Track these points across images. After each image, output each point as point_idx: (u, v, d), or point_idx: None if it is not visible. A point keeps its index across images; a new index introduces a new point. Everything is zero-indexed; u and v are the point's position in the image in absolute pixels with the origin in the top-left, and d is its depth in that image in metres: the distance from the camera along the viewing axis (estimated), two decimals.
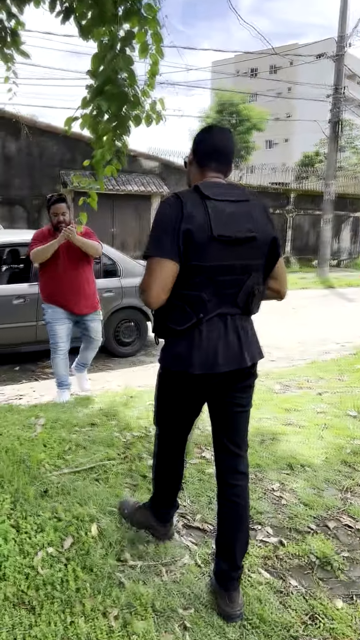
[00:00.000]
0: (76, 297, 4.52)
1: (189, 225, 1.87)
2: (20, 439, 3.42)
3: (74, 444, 3.49)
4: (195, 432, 3.85)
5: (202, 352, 1.95)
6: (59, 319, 4.52)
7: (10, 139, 13.25)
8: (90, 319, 4.70)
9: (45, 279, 4.54)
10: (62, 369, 4.64)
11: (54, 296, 4.51)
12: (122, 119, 3.13)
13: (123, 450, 3.49)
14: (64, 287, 4.46)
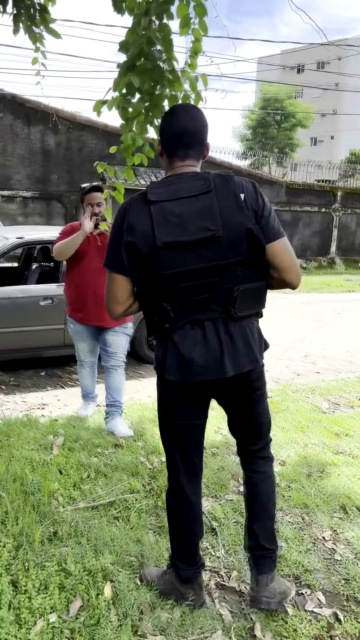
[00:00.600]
0: (101, 306, 3.82)
1: (131, 237, 1.78)
2: (34, 463, 3.03)
3: (94, 470, 3.07)
4: (230, 459, 3.39)
5: (174, 359, 1.86)
6: (80, 337, 3.96)
7: (48, 133, 13.03)
8: (113, 331, 3.82)
9: (68, 285, 3.92)
10: (88, 380, 4.17)
11: (76, 309, 3.87)
12: (156, 99, 2.69)
13: (149, 480, 3.06)
14: (87, 295, 3.72)
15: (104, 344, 3.86)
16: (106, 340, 3.83)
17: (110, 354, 3.84)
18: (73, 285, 3.84)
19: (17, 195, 12.91)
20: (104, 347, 3.86)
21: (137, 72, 2.60)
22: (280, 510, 2.83)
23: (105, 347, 3.85)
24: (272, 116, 33.34)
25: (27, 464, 3.00)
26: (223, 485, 3.06)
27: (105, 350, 3.86)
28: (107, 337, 3.82)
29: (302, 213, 16.91)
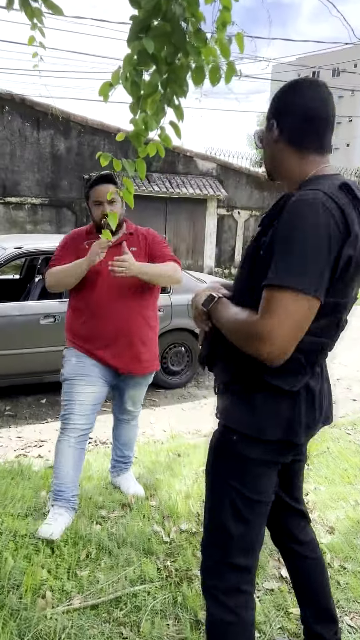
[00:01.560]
0: (122, 344, 2.65)
1: (352, 250, 1.29)
2: (18, 538, 2.38)
3: (95, 546, 2.42)
4: None
5: (310, 414, 1.45)
6: (85, 376, 2.63)
7: (59, 137, 12.49)
8: (137, 383, 2.84)
9: (74, 306, 2.74)
10: (69, 464, 2.60)
11: (84, 338, 2.67)
12: (176, 71, 2.04)
13: (164, 559, 2.39)
14: (103, 324, 2.64)
15: (121, 397, 2.89)
16: (126, 393, 2.85)
17: (127, 411, 2.94)
18: (83, 314, 2.68)
19: (25, 202, 12.37)
20: (120, 401, 2.92)
21: (152, 35, 1.97)
22: (337, 607, 2.15)
23: (122, 401, 2.90)
24: None
25: (9, 539, 2.35)
26: (260, 567, 2.39)
27: (121, 405, 2.93)
28: (128, 389, 2.84)
29: None
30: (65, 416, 2.63)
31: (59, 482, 2.59)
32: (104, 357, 2.65)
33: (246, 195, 14.92)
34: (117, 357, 2.66)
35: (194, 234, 14.21)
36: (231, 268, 15.07)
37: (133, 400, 2.91)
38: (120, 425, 3.01)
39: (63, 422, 2.64)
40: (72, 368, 2.66)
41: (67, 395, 2.64)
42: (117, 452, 3.05)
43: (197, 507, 2.84)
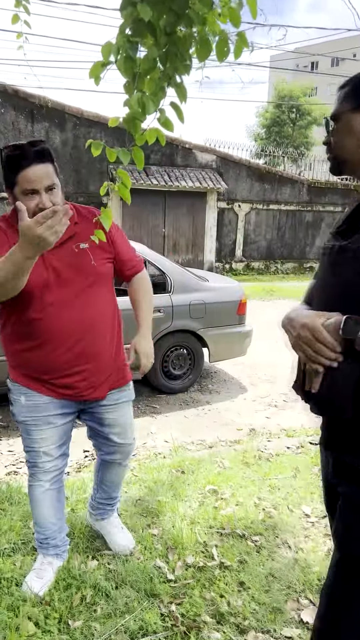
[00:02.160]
0: (92, 368, 2.03)
1: None
2: (2, 582, 2.10)
3: (91, 588, 2.14)
4: (281, 555, 2.44)
5: None
6: (41, 417, 2.04)
7: (54, 130, 12.14)
8: (114, 401, 2.18)
9: (11, 328, 1.96)
10: (50, 510, 2.18)
11: (33, 369, 1.99)
12: (177, 43, 1.74)
13: (170, 601, 2.12)
14: (62, 350, 1.95)
15: (100, 426, 2.20)
16: (105, 420, 2.18)
17: (116, 445, 2.24)
18: (27, 339, 1.94)
19: None
20: (100, 433, 2.22)
21: (148, 0, 1.67)
22: None
23: (104, 433, 2.21)
24: (287, 114, 32.42)
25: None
26: (277, 610, 2.11)
27: (102, 436, 2.23)
28: (106, 413, 2.16)
29: (325, 213, 15.87)
30: (31, 462, 2.13)
31: (42, 530, 2.20)
32: (66, 389, 2.02)
33: (247, 187, 14.59)
34: (85, 381, 2.03)
35: (193, 228, 13.89)
36: (232, 263, 14.76)
37: (120, 427, 2.21)
38: (109, 468, 2.34)
39: (30, 467, 2.15)
40: (23, 410, 2.04)
41: (26, 441, 2.09)
42: (100, 493, 2.44)
43: (204, 536, 2.56)
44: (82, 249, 1.93)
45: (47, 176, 1.80)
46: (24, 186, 1.79)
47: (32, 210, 1.75)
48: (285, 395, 5.17)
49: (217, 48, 1.93)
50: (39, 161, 1.79)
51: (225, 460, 3.44)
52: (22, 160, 1.77)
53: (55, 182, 1.83)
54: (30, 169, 1.77)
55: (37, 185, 1.78)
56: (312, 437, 4.04)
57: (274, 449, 3.73)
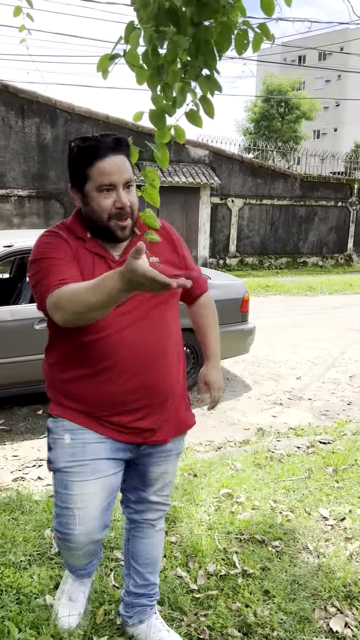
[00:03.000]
0: (159, 402, 1.68)
1: None
2: (22, 598, 2.02)
3: (108, 602, 2.07)
4: (303, 560, 2.38)
5: None
6: (89, 463, 1.64)
7: (45, 126, 11.97)
8: (169, 452, 1.79)
9: (64, 350, 1.66)
10: (79, 564, 1.85)
11: (89, 401, 1.64)
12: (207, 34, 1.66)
13: (194, 612, 2.05)
14: (122, 370, 1.61)
15: (141, 480, 1.80)
16: (149, 472, 1.78)
17: (151, 504, 1.84)
18: (87, 364, 1.61)
19: (12, 194, 11.88)
20: (139, 487, 1.82)
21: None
22: None
23: (144, 487, 1.81)
24: (275, 109, 32.37)
25: (12, 600, 1.99)
26: (305, 619, 2.06)
27: (141, 494, 1.82)
28: (153, 465, 1.77)
29: (318, 208, 15.85)
30: (61, 534, 1.70)
31: (74, 569, 1.90)
32: (126, 427, 1.64)
33: (240, 182, 14.53)
34: (147, 424, 1.66)
35: (187, 224, 13.80)
36: (226, 258, 14.71)
37: (163, 482, 1.82)
38: (141, 532, 1.87)
39: (60, 542, 1.75)
40: (66, 453, 1.63)
41: (61, 498, 1.66)
42: (135, 579, 1.90)
43: (223, 543, 2.50)
44: (152, 262, 1.58)
45: (125, 169, 1.54)
46: (100, 180, 1.51)
47: (107, 210, 1.53)
48: (290, 393, 5.13)
49: (236, 41, 1.86)
50: (116, 151, 1.53)
51: (237, 462, 3.38)
52: (97, 149, 1.50)
53: (133, 178, 1.57)
54: (107, 160, 1.50)
55: (115, 178, 1.51)
56: (321, 436, 3.99)
57: (284, 449, 3.67)
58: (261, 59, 34.17)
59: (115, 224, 1.55)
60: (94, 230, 1.60)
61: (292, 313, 8.97)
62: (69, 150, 1.58)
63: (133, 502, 1.85)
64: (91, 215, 1.57)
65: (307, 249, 15.99)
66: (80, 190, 1.57)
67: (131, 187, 1.57)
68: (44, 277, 1.49)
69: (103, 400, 1.62)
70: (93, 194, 1.54)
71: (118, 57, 2.07)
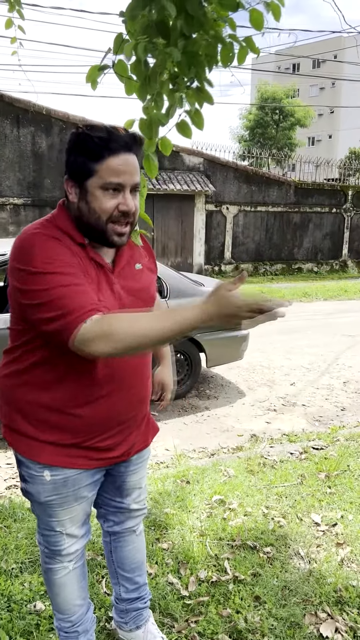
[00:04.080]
0: (137, 420, 1.64)
1: None
2: (13, 605, 2.02)
3: (98, 608, 2.07)
4: (295, 567, 2.39)
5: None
6: (71, 493, 1.55)
7: (40, 134, 12.03)
8: (142, 459, 1.75)
9: (67, 369, 1.43)
10: (72, 595, 1.70)
11: (75, 430, 1.49)
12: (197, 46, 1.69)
13: (185, 618, 2.06)
14: (126, 399, 1.54)
15: (118, 491, 1.74)
16: (126, 482, 1.73)
17: (130, 512, 1.80)
18: (90, 384, 1.46)
19: (7, 203, 11.91)
20: (116, 498, 1.76)
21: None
22: None
23: (121, 497, 1.76)
24: (270, 116, 32.58)
25: (3, 607, 1.99)
26: (295, 625, 2.06)
27: (113, 503, 1.77)
28: (129, 475, 1.72)
29: (312, 214, 15.93)
30: (48, 548, 1.64)
31: (67, 617, 1.71)
32: (108, 452, 1.56)
33: (234, 189, 14.60)
34: (124, 442, 1.60)
35: (182, 231, 13.86)
36: (221, 265, 14.76)
37: (139, 489, 1.78)
38: (123, 542, 1.82)
39: (46, 550, 1.66)
40: (47, 489, 1.52)
41: (45, 523, 1.59)
42: (125, 585, 1.86)
43: (214, 549, 2.51)
44: (136, 269, 1.54)
45: (136, 171, 1.39)
46: (108, 178, 1.34)
47: (109, 212, 1.37)
48: (283, 399, 5.14)
49: (222, 53, 1.89)
50: (130, 149, 1.37)
51: (230, 468, 3.39)
52: (109, 143, 1.33)
53: (140, 182, 1.44)
54: (120, 157, 1.34)
55: (125, 179, 1.35)
56: (314, 441, 4.01)
57: (277, 455, 3.69)
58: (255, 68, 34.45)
59: (112, 228, 1.39)
60: (85, 231, 1.42)
61: (286, 319, 8.92)
62: (74, 136, 1.39)
63: (112, 514, 1.79)
64: (86, 214, 1.38)
65: (302, 255, 16.06)
66: (79, 184, 1.38)
67: (136, 192, 1.43)
68: (63, 298, 1.26)
69: (97, 423, 1.50)
70: (96, 192, 1.36)
71: (107, 68, 2.10)
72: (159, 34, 1.57)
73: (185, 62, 1.56)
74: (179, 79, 1.62)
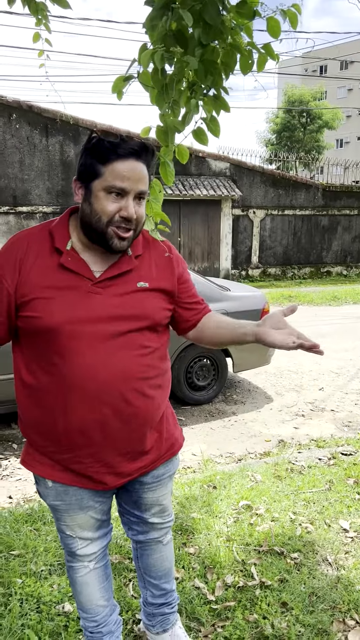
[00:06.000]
0: (129, 442, 1.52)
1: None
2: (42, 607, 2.06)
3: (125, 610, 2.09)
4: (322, 572, 2.37)
5: None
6: (76, 502, 1.56)
7: (68, 143, 12.24)
8: (159, 476, 1.68)
9: (30, 393, 1.48)
10: (95, 595, 1.72)
11: (53, 456, 1.51)
12: (214, 55, 1.71)
13: (212, 622, 2.06)
14: (89, 425, 1.44)
15: (136, 506, 1.71)
16: (142, 499, 1.69)
17: (152, 526, 1.76)
18: (35, 394, 1.47)
19: (37, 211, 12.15)
20: (135, 513, 1.73)
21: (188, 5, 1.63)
22: None
23: (140, 512, 1.72)
24: (297, 119, 32.37)
25: (32, 609, 2.03)
26: (323, 632, 2.04)
27: (139, 519, 1.74)
28: (145, 491, 1.68)
29: (341, 217, 15.76)
30: (67, 549, 1.68)
31: (91, 617, 1.73)
32: (98, 473, 1.51)
33: (261, 193, 14.56)
34: (122, 463, 1.53)
35: (209, 236, 13.88)
36: (248, 269, 14.71)
37: (159, 506, 1.73)
38: (149, 550, 1.81)
39: (67, 552, 1.69)
40: (51, 494, 1.57)
41: (57, 524, 1.65)
42: (151, 590, 1.87)
43: (241, 554, 2.50)
44: (139, 287, 1.48)
45: (142, 179, 1.39)
46: (111, 182, 1.36)
47: (110, 215, 1.37)
48: (312, 404, 5.09)
49: (241, 61, 1.91)
50: (139, 157, 1.38)
51: (257, 474, 3.38)
52: (118, 148, 1.35)
53: (147, 191, 1.43)
54: (127, 163, 1.36)
55: (128, 185, 1.36)
56: (343, 447, 3.96)
57: (305, 460, 3.65)
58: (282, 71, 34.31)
59: (113, 231, 1.39)
60: (88, 234, 1.43)
61: (315, 323, 8.91)
62: (88, 139, 1.42)
63: (134, 524, 1.77)
64: (88, 215, 1.40)
65: (331, 259, 15.89)
66: (86, 184, 1.40)
67: (142, 201, 1.43)
68: None
69: (64, 446, 1.49)
70: (99, 194, 1.38)
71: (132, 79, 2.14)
72: (176, 43, 1.59)
73: (202, 70, 1.58)
74: (196, 87, 1.65)
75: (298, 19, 1.51)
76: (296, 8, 1.50)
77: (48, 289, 1.39)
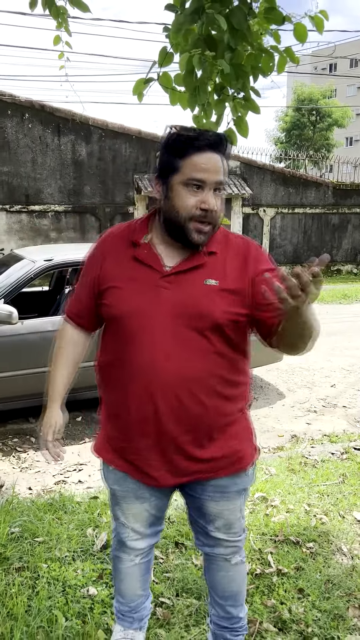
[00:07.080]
0: (180, 443, 1.51)
1: None
2: (67, 590, 2.14)
3: (155, 599, 2.17)
4: (336, 562, 2.43)
5: None
6: (133, 490, 1.62)
7: (80, 142, 12.33)
8: (222, 489, 1.60)
9: (104, 378, 1.63)
10: (134, 586, 1.80)
11: (112, 438, 1.62)
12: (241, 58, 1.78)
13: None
14: (144, 411, 1.48)
15: (200, 514, 1.66)
16: (206, 509, 1.63)
17: (217, 541, 1.67)
18: (114, 389, 1.57)
19: (49, 210, 12.25)
20: (201, 522, 1.68)
21: (222, 6, 1.70)
22: None
23: (205, 523, 1.66)
24: (307, 117, 32.30)
25: (58, 592, 2.12)
26: (339, 617, 2.11)
27: (203, 528, 1.68)
28: (207, 501, 1.62)
29: (351, 215, 15.74)
30: (117, 538, 1.75)
31: (126, 602, 1.81)
32: (151, 468, 1.55)
33: (271, 192, 14.58)
34: (172, 463, 1.53)
35: None
36: None
37: (225, 520, 1.64)
38: (215, 565, 1.73)
39: (117, 541, 1.76)
40: (111, 478, 1.66)
41: (114, 509, 1.72)
42: (217, 609, 1.78)
43: (258, 543, 2.57)
44: (206, 285, 1.45)
45: (220, 170, 1.39)
46: (190, 174, 1.37)
47: (189, 209, 1.39)
48: (324, 401, 5.15)
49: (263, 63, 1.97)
50: (215, 149, 1.39)
51: (271, 467, 3.44)
52: (195, 140, 1.38)
53: (224, 182, 1.43)
54: (204, 155, 1.37)
55: (207, 176, 1.37)
56: (355, 442, 4.01)
57: (318, 455, 3.72)
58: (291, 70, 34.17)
59: (193, 225, 1.40)
60: (169, 229, 1.46)
61: (326, 321, 8.93)
62: (166, 135, 1.44)
63: (200, 534, 1.72)
64: (167, 211, 1.43)
65: (341, 257, 15.87)
66: (165, 181, 1.43)
67: (220, 192, 1.43)
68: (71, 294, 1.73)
69: (124, 437, 1.59)
70: (178, 188, 1.40)
71: (152, 81, 2.21)
72: (207, 47, 1.66)
73: (232, 73, 1.65)
74: (224, 90, 1.71)
75: (324, 25, 1.57)
76: (323, 14, 1.56)
77: (120, 279, 1.48)
